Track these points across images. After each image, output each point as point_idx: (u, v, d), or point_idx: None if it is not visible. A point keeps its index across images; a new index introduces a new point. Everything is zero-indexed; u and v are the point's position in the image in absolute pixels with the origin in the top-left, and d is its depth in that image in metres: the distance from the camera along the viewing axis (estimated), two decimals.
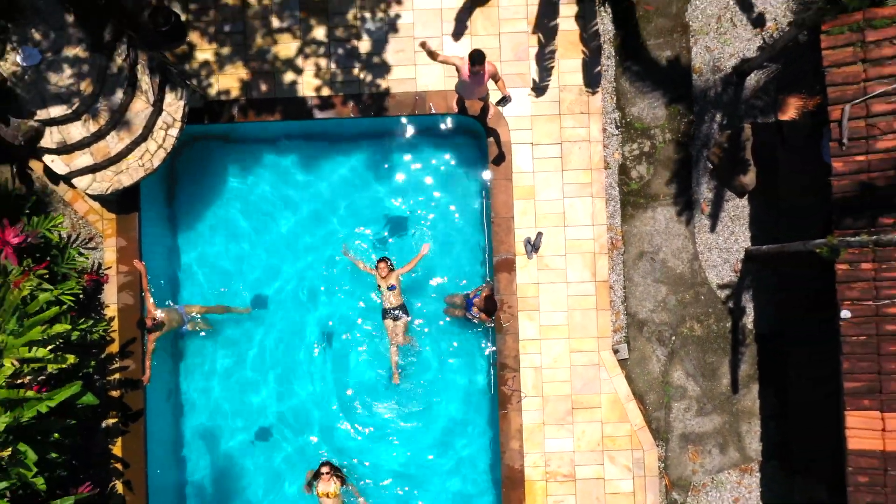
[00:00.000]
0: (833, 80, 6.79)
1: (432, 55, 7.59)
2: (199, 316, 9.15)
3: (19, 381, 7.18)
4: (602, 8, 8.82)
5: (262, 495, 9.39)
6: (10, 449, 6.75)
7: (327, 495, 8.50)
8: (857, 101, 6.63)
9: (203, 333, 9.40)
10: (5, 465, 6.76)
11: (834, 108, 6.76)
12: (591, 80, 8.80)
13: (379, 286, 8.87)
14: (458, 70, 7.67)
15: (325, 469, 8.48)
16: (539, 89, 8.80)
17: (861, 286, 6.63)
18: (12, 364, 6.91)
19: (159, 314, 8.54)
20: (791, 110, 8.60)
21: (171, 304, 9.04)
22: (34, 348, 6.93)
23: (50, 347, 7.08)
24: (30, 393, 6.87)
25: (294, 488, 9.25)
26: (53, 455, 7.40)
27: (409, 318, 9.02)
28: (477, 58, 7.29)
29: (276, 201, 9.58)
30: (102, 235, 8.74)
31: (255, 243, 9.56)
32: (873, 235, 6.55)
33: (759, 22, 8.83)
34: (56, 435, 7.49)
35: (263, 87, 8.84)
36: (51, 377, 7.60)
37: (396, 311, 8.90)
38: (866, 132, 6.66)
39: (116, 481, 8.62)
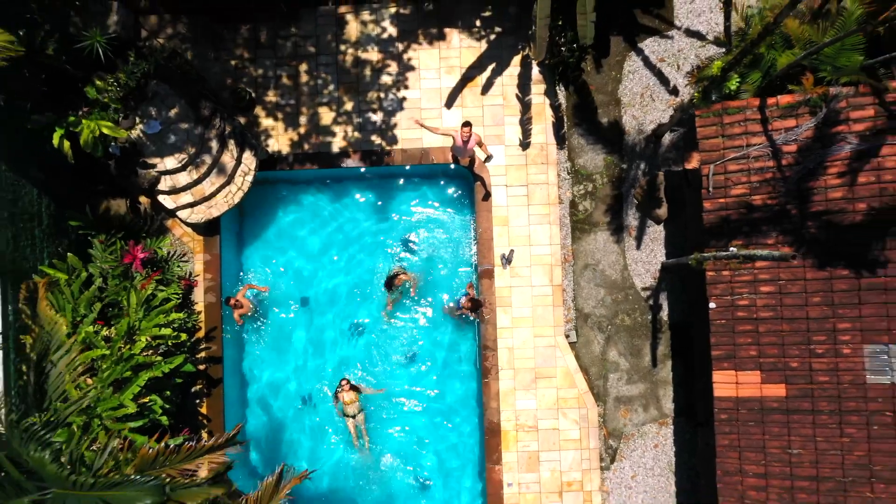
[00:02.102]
0: (704, 147, 9.94)
1: (433, 130, 10.79)
2: (264, 298, 12.36)
3: (145, 354, 10.32)
4: (559, 87, 12.01)
5: (306, 442, 12.45)
6: (147, 398, 9.88)
7: (349, 402, 11.62)
8: (718, 162, 9.80)
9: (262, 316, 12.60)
10: (141, 409, 9.86)
11: (704, 167, 9.93)
12: (550, 139, 11.97)
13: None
14: (453, 138, 10.85)
15: (344, 382, 11.56)
16: (511, 146, 11.96)
17: (722, 286, 9.71)
18: (146, 340, 10.06)
19: (243, 299, 11.71)
20: (694, 161, 11.64)
21: (251, 293, 12.24)
22: (162, 328, 10.10)
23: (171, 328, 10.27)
24: (157, 358, 10.00)
25: (334, 439, 12.32)
26: (167, 406, 10.48)
27: (414, 275, 12.22)
28: (465, 123, 10.50)
29: (316, 226, 12.72)
30: (193, 252, 11.83)
31: (301, 255, 12.67)
32: (720, 252, 9.66)
33: (672, 93, 12.05)
34: (168, 392, 10.59)
35: (308, 146, 11.96)
36: (163, 352, 10.70)
37: (408, 286, 12.11)
38: (724, 183, 9.79)
39: (202, 431, 11.68)
